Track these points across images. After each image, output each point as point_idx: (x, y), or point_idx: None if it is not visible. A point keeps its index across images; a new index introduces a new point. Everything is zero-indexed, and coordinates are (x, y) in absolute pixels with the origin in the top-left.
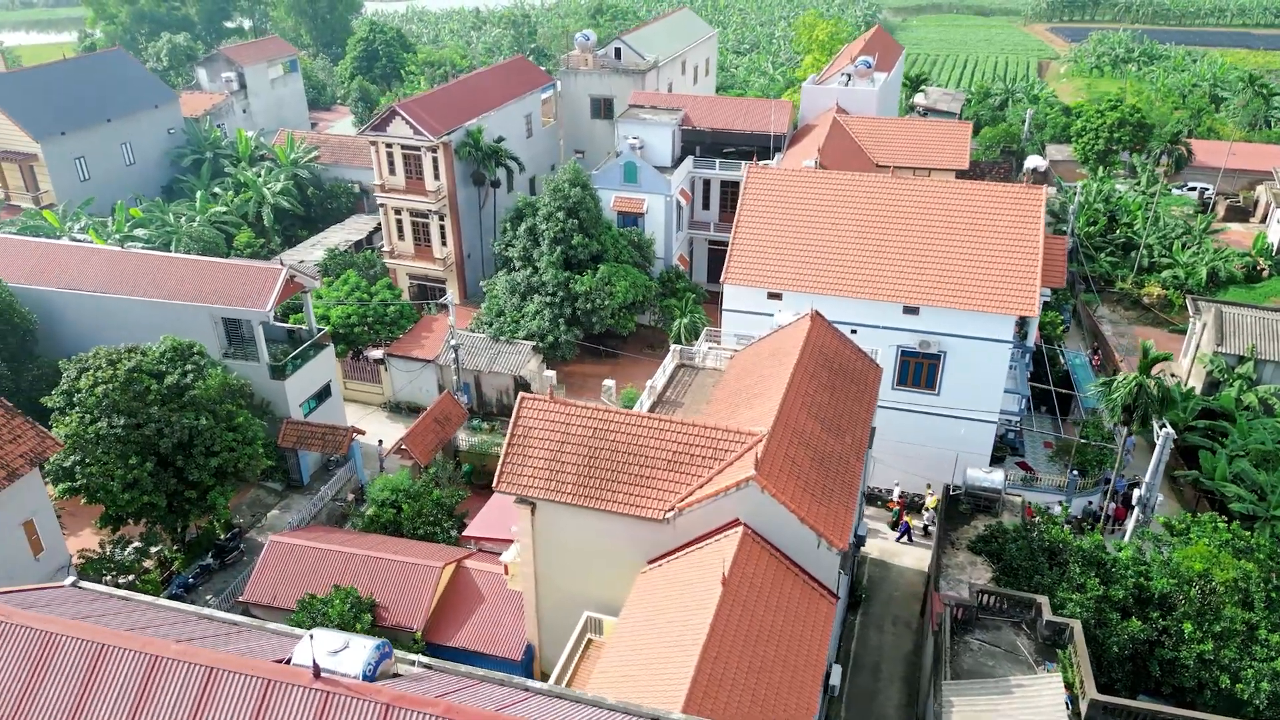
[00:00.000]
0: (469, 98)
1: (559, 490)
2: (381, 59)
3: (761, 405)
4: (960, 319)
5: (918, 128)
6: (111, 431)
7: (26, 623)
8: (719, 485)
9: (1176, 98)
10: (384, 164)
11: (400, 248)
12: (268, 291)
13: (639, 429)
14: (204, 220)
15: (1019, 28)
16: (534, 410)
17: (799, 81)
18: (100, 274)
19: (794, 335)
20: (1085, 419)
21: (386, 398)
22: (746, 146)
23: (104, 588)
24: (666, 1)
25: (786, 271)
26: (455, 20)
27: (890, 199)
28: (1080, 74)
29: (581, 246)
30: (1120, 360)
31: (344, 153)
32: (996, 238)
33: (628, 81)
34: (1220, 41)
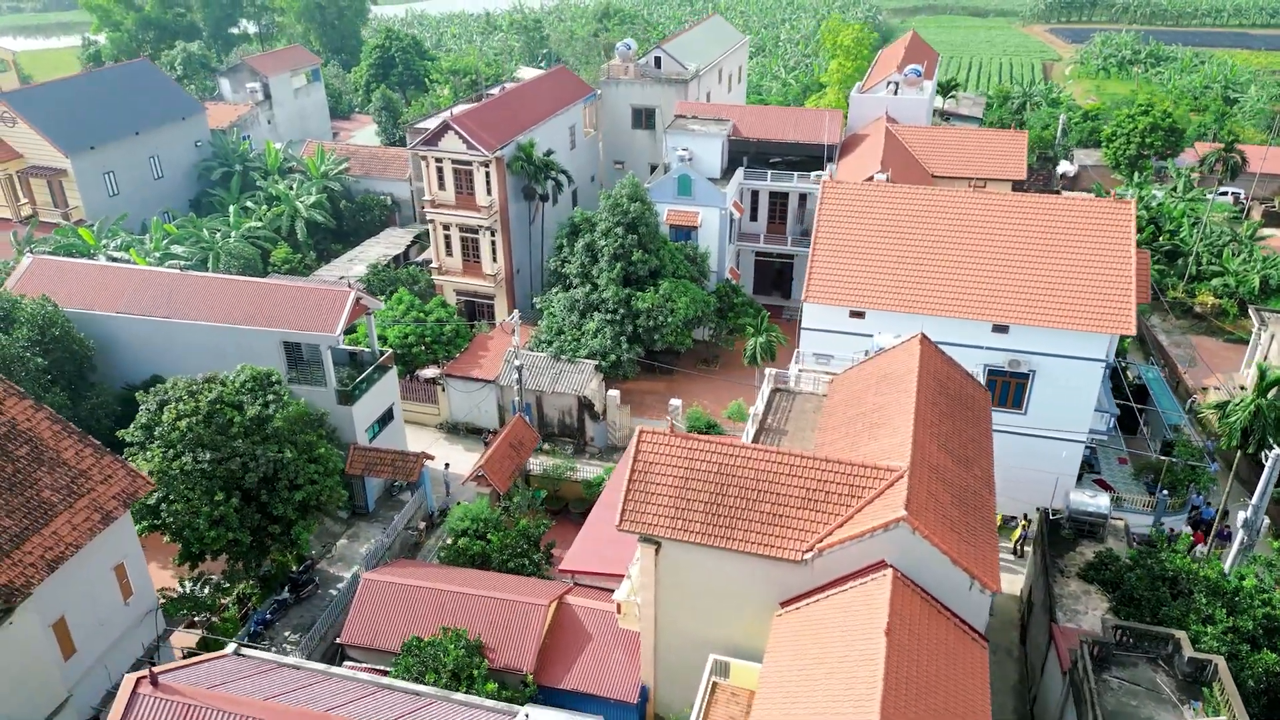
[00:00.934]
0: (518, 111)
1: (686, 529)
2: (398, 66)
3: (888, 437)
4: (1052, 337)
5: (972, 137)
6: (197, 467)
7: (235, 710)
8: (864, 525)
9: (1190, 100)
10: (434, 179)
11: (448, 264)
12: (336, 314)
13: (769, 465)
14: (239, 236)
15: (1017, 29)
16: (654, 445)
17: (822, 86)
18: (159, 297)
19: (904, 359)
20: (1174, 437)
21: (443, 419)
22: (793, 156)
23: (263, 654)
24: (668, 3)
25: (870, 289)
26: (456, 24)
27: (973, 213)
28: (1087, 75)
29: (641, 262)
30: (1184, 372)
31: (374, 164)
32: (1087, 253)
33: (671, 91)
34: (1218, 42)
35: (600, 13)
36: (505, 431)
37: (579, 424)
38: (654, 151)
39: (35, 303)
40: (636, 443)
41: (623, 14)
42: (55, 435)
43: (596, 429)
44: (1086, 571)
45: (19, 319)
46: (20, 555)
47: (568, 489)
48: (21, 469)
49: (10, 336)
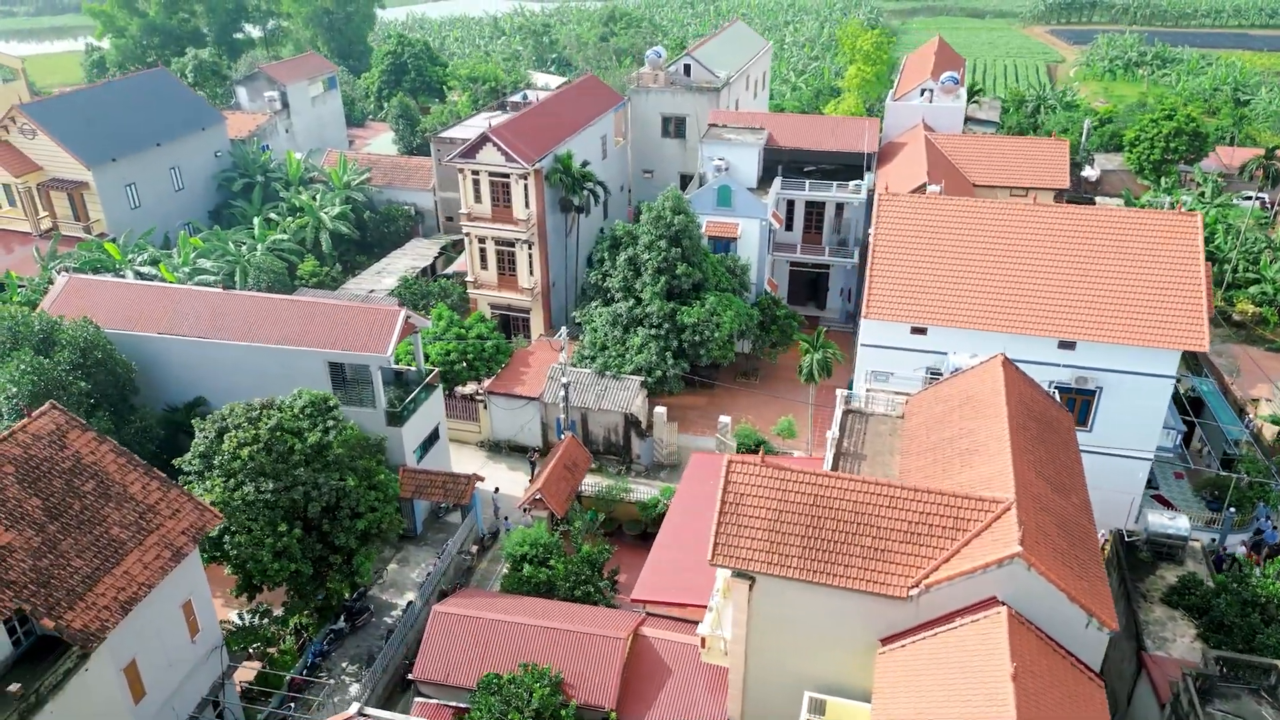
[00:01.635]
0: (553, 122)
1: (783, 564)
2: (410, 72)
3: (983, 465)
4: (1120, 353)
5: (1012, 145)
6: (260, 497)
7: None
8: (976, 561)
9: (1200, 102)
10: (470, 191)
11: (483, 277)
12: (388, 334)
13: (868, 496)
14: (265, 249)
15: (1018, 30)
16: (744, 476)
17: (836, 91)
18: (202, 318)
19: (987, 381)
20: (1237, 453)
21: (484, 437)
22: (827, 165)
23: (386, 714)
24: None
25: (932, 304)
26: (459, 28)
27: (1035, 226)
28: (1094, 77)
29: (685, 276)
30: (1231, 382)
31: (397, 174)
32: (1155, 266)
33: (702, 100)
34: (1219, 43)
35: (606, 16)
36: (559, 452)
37: (625, 442)
38: (684, 160)
39: (77, 325)
40: (725, 473)
41: (629, 17)
42: (121, 468)
43: (643, 446)
44: (1170, 596)
45: (60, 341)
46: (93, 598)
47: (621, 510)
48: (89, 505)
49: (52, 360)
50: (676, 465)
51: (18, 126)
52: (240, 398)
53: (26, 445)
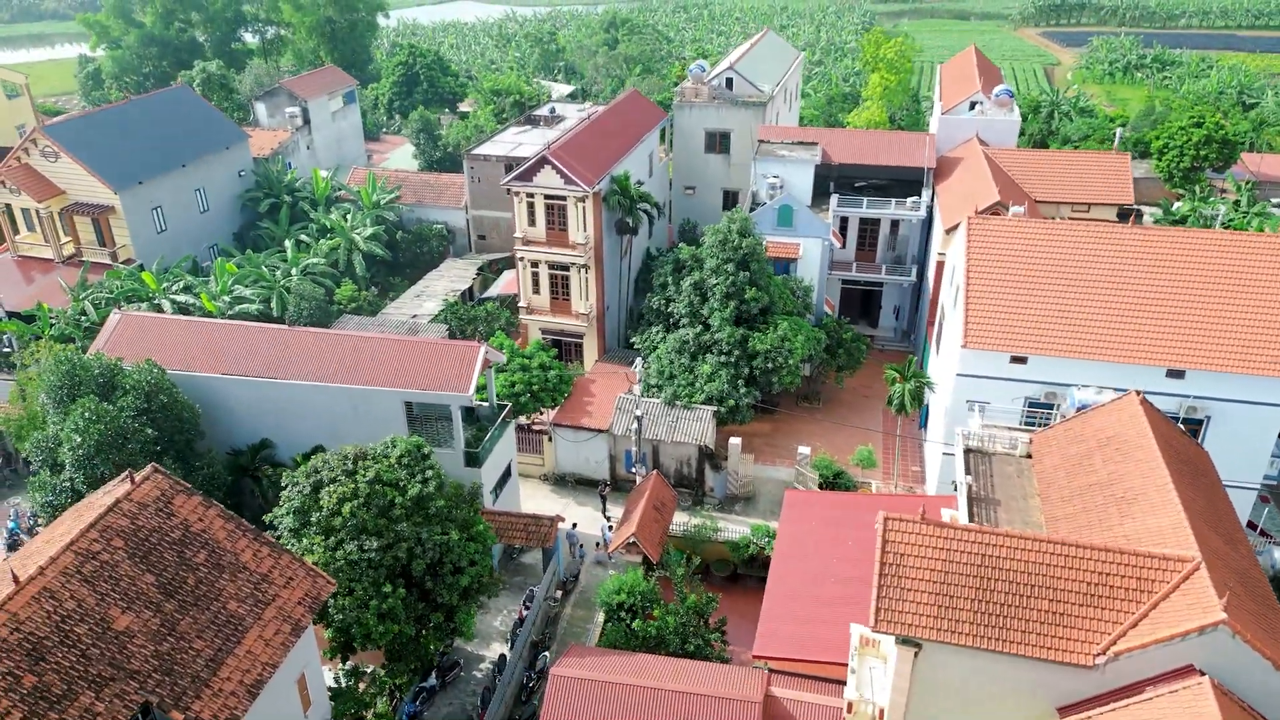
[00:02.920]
0: (607, 141)
1: (954, 631)
2: (423, 83)
3: (1149, 516)
4: (1230, 382)
5: (1072, 160)
6: (364, 556)
7: None
8: (1174, 627)
9: (1207, 105)
10: (524, 215)
11: (535, 302)
12: (468, 372)
13: (1043, 555)
14: (300, 273)
15: (1009, 32)
16: (904, 535)
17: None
18: (269, 356)
19: (1127, 421)
20: None
21: (548, 470)
22: (878, 180)
23: None
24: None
25: (1032, 332)
26: (453, 34)
27: (1133, 249)
28: (1094, 80)
29: (754, 301)
30: None
31: (427, 191)
32: (1261, 290)
33: (748, 114)
34: (1208, 44)
35: (607, 22)
36: (646, 492)
37: (698, 474)
38: (727, 177)
39: (140, 368)
40: (882, 532)
41: (631, 24)
42: (230, 535)
43: (716, 479)
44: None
45: (124, 386)
46: (219, 683)
47: (710, 550)
48: (204, 579)
49: (116, 405)
50: (751, 498)
51: (39, 149)
52: (307, 440)
53: (133, 515)
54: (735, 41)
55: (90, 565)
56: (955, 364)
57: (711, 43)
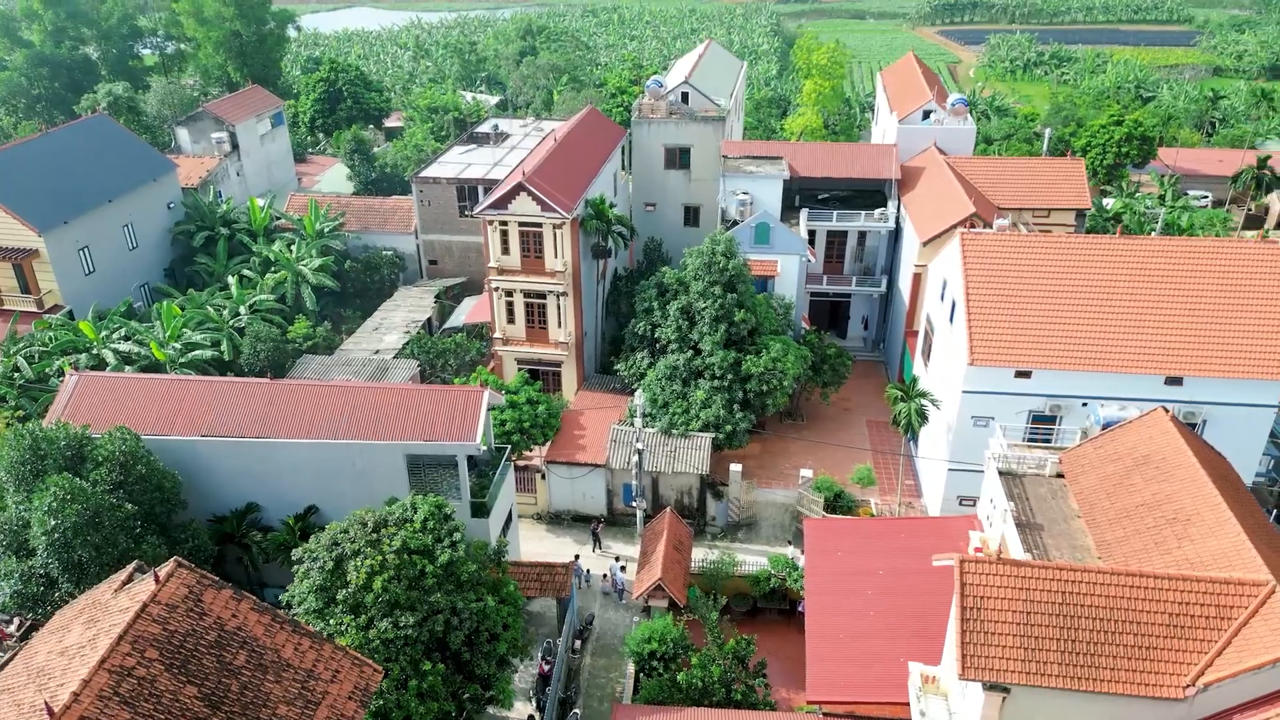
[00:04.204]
0: (576, 164)
1: (1043, 673)
2: (346, 99)
3: (1207, 539)
4: (1225, 386)
5: (1028, 166)
6: (400, 633)
7: None
8: (1264, 655)
9: (1108, 101)
10: (498, 243)
11: (511, 332)
12: (473, 419)
13: (1124, 588)
14: (248, 312)
15: (908, 31)
16: (982, 577)
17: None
18: (253, 413)
19: (1159, 438)
20: None
21: (541, 508)
22: (841, 192)
23: None
24: (569, 16)
25: (1035, 346)
26: (359, 44)
27: (1125, 260)
28: (996, 78)
29: (743, 323)
30: None
31: (372, 217)
32: (1249, 296)
33: (708, 129)
34: (1094, 39)
35: (523, 30)
36: (664, 531)
37: (699, 503)
38: (688, 192)
39: (112, 436)
40: (959, 575)
41: (549, 31)
42: (268, 629)
43: (718, 507)
44: None
45: (95, 458)
46: None
47: (729, 585)
48: (248, 684)
49: (89, 480)
50: (752, 523)
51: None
52: (299, 501)
53: (164, 620)
54: (650, 46)
55: (127, 684)
56: (960, 381)
57: (626, 48)
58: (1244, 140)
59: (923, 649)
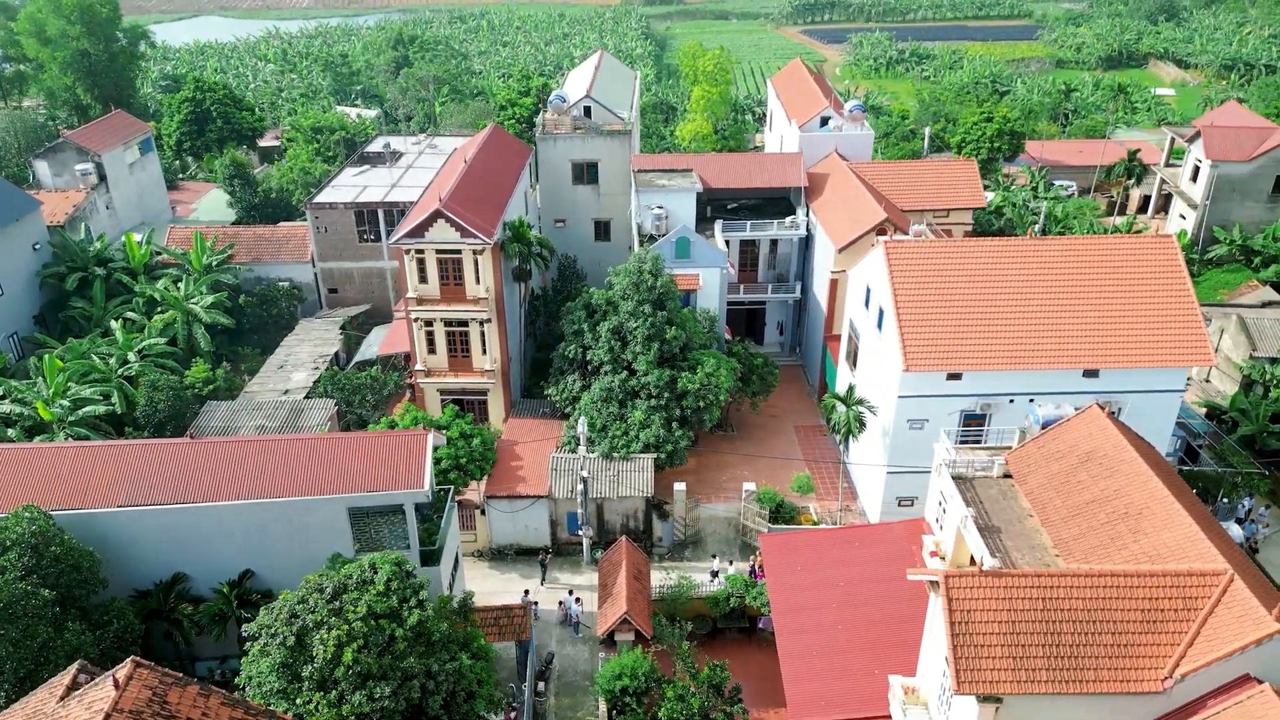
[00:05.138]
0: (490, 185)
1: (1033, 680)
2: (215, 120)
3: (1160, 531)
4: (1137, 375)
5: (925, 169)
6: (376, 706)
7: None
8: (1233, 642)
9: (969, 96)
10: (415, 273)
11: (433, 362)
12: (419, 464)
13: (1099, 589)
14: (137, 358)
15: (772, 31)
16: (965, 591)
17: (672, 110)
18: (175, 476)
19: (1098, 434)
20: (1225, 447)
21: (482, 545)
22: (748, 201)
23: None
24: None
25: (964, 349)
26: (213, 56)
27: (1037, 261)
28: (861, 76)
29: (675, 340)
30: None
31: (264, 247)
32: (1151, 289)
33: (614, 143)
34: (945, 36)
35: (393, 39)
36: (623, 561)
37: (645, 525)
38: (598, 207)
39: (20, 516)
40: (945, 591)
41: (422, 41)
42: None
43: (664, 528)
44: None
45: (3, 543)
46: None
47: (689, 608)
48: None
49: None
50: (698, 540)
51: None
52: (231, 567)
53: None
54: (523, 53)
55: None
56: (895, 386)
57: (499, 54)
58: (1098, 130)
59: (895, 658)
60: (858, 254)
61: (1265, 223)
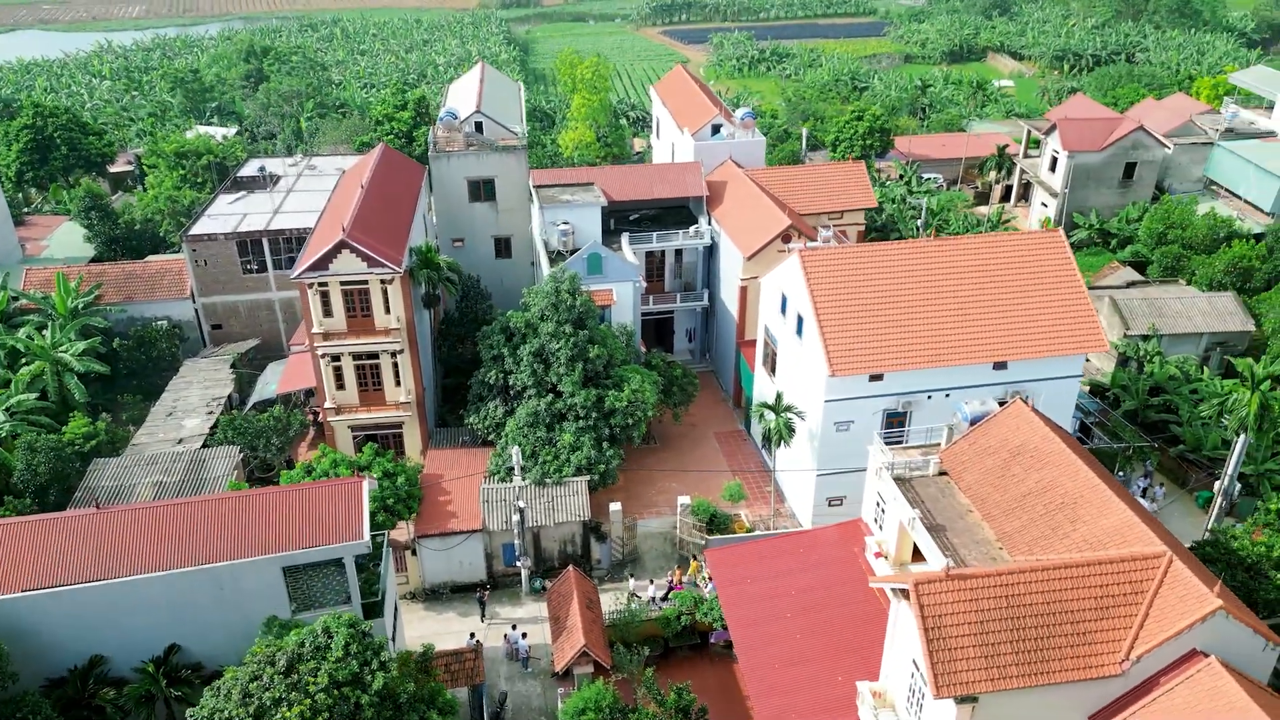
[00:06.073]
0: (391, 210)
1: (1004, 676)
2: (60, 147)
3: (1098, 519)
4: (1039, 365)
5: (816, 173)
6: None
7: None
8: (1180, 621)
9: (832, 94)
10: (319, 307)
11: (342, 399)
12: (357, 514)
13: (1055, 581)
14: (6, 417)
15: (632, 33)
16: (935, 596)
17: (545, 116)
18: (88, 551)
19: (1026, 428)
20: (1115, 424)
21: (415, 587)
22: (649, 211)
23: None
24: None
25: (884, 350)
26: (40, 75)
27: (943, 261)
28: (726, 76)
29: (598, 358)
30: None
31: (135, 285)
32: (1046, 282)
33: (509, 158)
34: (799, 34)
35: (245, 51)
36: (574, 592)
37: (583, 550)
38: (497, 224)
39: None
40: (915, 597)
41: (277, 52)
42: None
43: (601, 550)
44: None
45: None
46: None
47: (640, 630)
48: None
49: None
50: (636, 558)
51: None
52: (154, 643)
53: None
54: (383, 62)
55: None
56: (822, 391)
57: (358, 64)
58: (955, 124)
59: (855, 663)
60: (766, 261)
61: (1118, 207)
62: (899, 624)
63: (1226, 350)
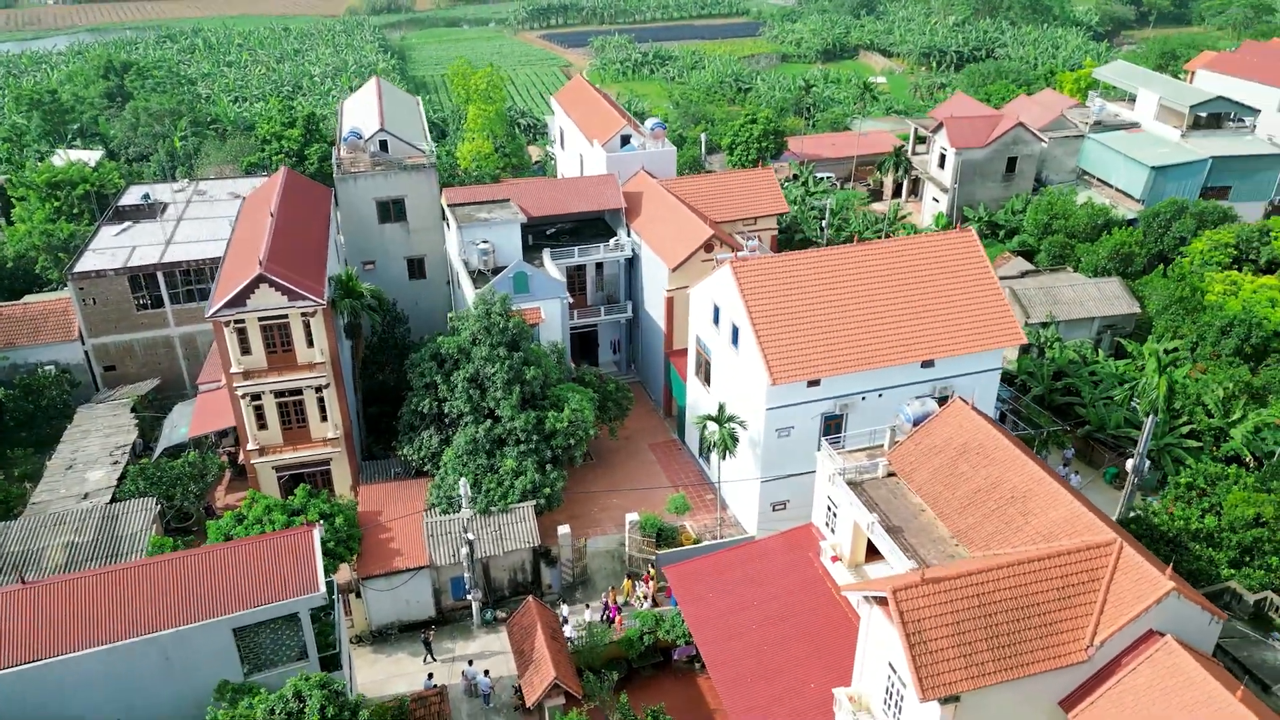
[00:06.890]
0: (304, 238)
1: (983, 674)
2: None
3: (1049, 510)
4: (962, 361)
5: (728, 181)
6: None
7: None
8: (1137, 605)
9: (717, 96)
10: (236, 346)
11: (265, 438)
12: (310, 565)
13: (1022, 577)
14: None
15: (511, 37)
16: (912, 600)
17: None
18: (14, 630)
19: (968, 426)
20: (1029, 410)
21: (361, 630)
22: (566, 225)
23: None
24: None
25: (819, 356)
26: None
27: (867, 265)
28: (611, 79)
29: (535, 380)
30: None
31: (16, 329)
32: (963, 281)
33: (419, 177)
34: (675, 35)
35: (103, 67)
36: (537, 624)
37: (534, 576)
38: (409, 245)
39: None
40: (894, 603)
41: (139, 67)
42: None
43: (552, 574)
44: None
45: None
46: None
47: (604, 653)
48: None
49: None
50: (587, 580)
51: None
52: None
53: None
54: (253, 74)
55: None
56: (762, 400)
57: (225, 76)
58: (840, 123)
59: (826, 668)
60: (690, 271)
61: (1003, 199)
62: (872, 629)
63: (1116, 332)
